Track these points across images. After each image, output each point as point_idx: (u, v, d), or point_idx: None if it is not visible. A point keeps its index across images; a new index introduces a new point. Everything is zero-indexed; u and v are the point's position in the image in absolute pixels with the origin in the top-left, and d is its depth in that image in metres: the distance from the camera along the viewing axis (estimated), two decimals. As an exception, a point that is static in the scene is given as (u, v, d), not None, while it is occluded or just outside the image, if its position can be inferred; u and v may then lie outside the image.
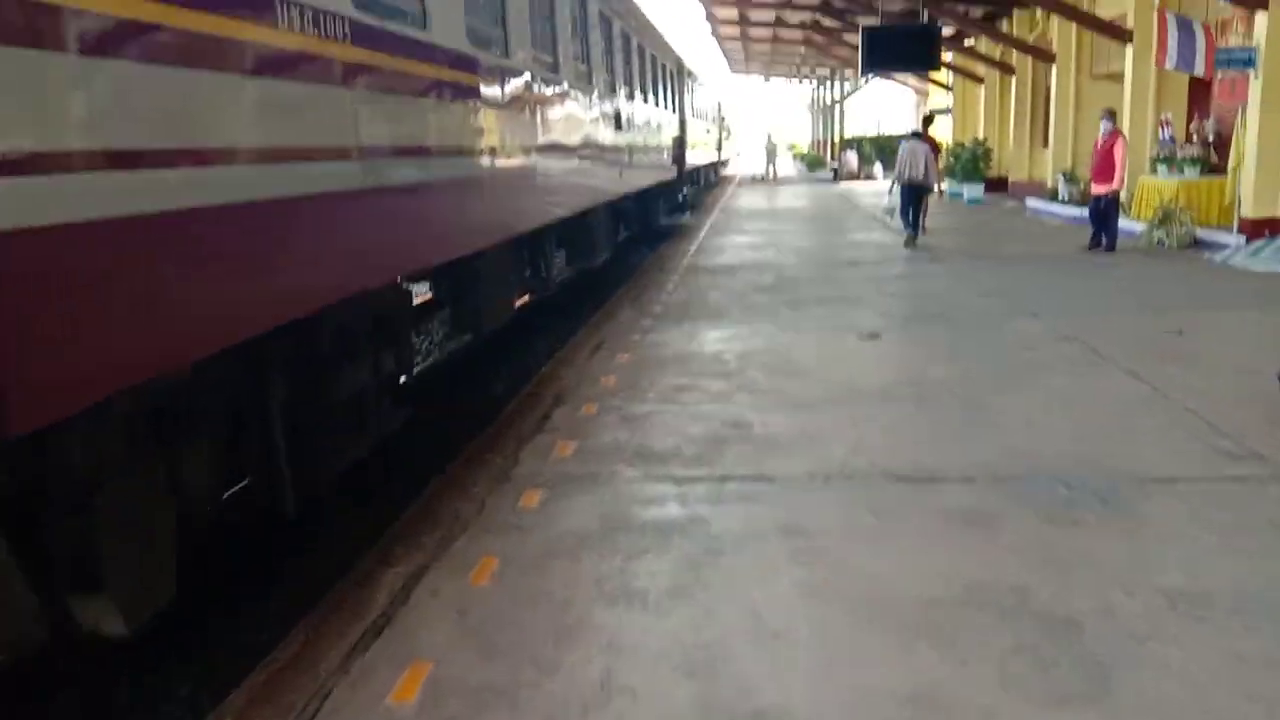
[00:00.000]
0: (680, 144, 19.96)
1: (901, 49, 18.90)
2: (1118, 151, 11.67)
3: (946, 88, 29.62)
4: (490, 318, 6.78)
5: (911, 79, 36.71)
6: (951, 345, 7.12)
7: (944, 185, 21.26)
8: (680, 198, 21.87)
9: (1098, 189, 11.97)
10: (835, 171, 35.75)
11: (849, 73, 40.71)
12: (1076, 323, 7.71)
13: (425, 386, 6.89)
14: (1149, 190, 12.97)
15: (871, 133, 49.61)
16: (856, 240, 15.16)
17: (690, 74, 22.96)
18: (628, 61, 12.35)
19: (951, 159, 24.00)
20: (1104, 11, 17.04)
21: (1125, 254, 12.00)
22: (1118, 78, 18.14)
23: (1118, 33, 15.36)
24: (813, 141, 59.40)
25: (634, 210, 15.90)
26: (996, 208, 20.98)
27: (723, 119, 37.77)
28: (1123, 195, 14.67)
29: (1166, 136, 14.34)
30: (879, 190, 27.62)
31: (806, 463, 4.59)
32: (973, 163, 22.50)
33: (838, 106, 41.76)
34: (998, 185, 23.01)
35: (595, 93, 9.73)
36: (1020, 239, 14.41)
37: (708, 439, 4.99)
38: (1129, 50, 15.21)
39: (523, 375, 7.42)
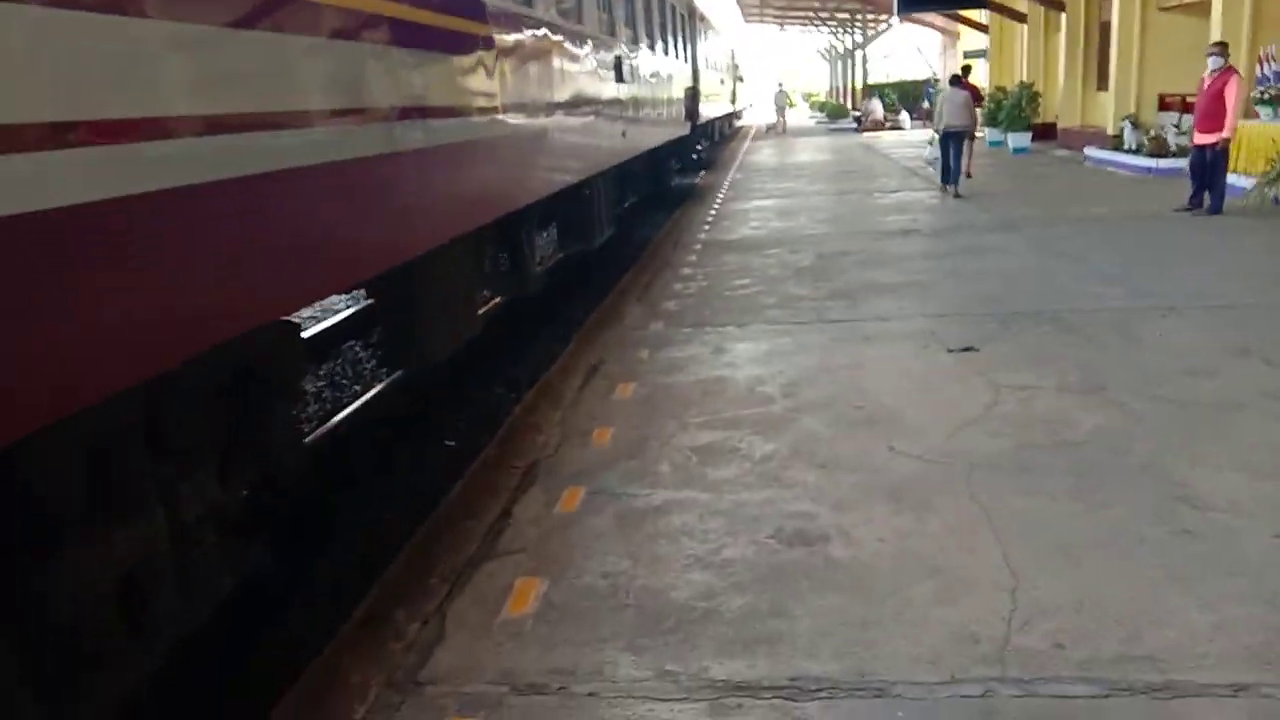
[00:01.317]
0: (693, 95, 17.80)
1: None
2: (1230, 93, 9.51)
3: (982, 28, 27.12)
4: (438, 344, 4.83)
5: (938, 19, 34.13)
6: (1084, 365, 5.11)
7: (982, 132, 18.95)
8: (695, 155, 19.73)
9: (1203, 138, 9.83)
10: (859, 121, 33.34)
11: (870, 16, 38.12)
12: (1242, 322, 5.70)
13: (325, 463, 4.91)
14: (1256, 138, 10.81)
15: (894, 79, 47.05)
16: (901, 201, 13.06)
17: (703, 18, 20.69)
18: (630, 1, 10.26)
19: (992, 105, 21.74)
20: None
21: (1234, 216, 9.90)
22: (1192, 8, 15.84)
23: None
24: (831, 89, 56.70)
25: (642, 172, 13.84)
26: (1047, 157, 18.75)
27: (736, 67, 35.38)
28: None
29: (1269, 73, 12.12)
30: (910, 141, 25.39)
31: (939, 640, 2.64)
32: (1018, 108, 20.21)
33: (859, 51, 39.21)
34: (1044, 133, 20.73)
35: (590, 37, 7.68)
36: (1095, 196, 12.27)
37: (755, 572, 3.06)
38: (1222, -30, 12.90)
39: (482, 425, 5.46)
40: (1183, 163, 13.73)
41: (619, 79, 8.97)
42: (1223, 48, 9.71)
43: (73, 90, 1.95)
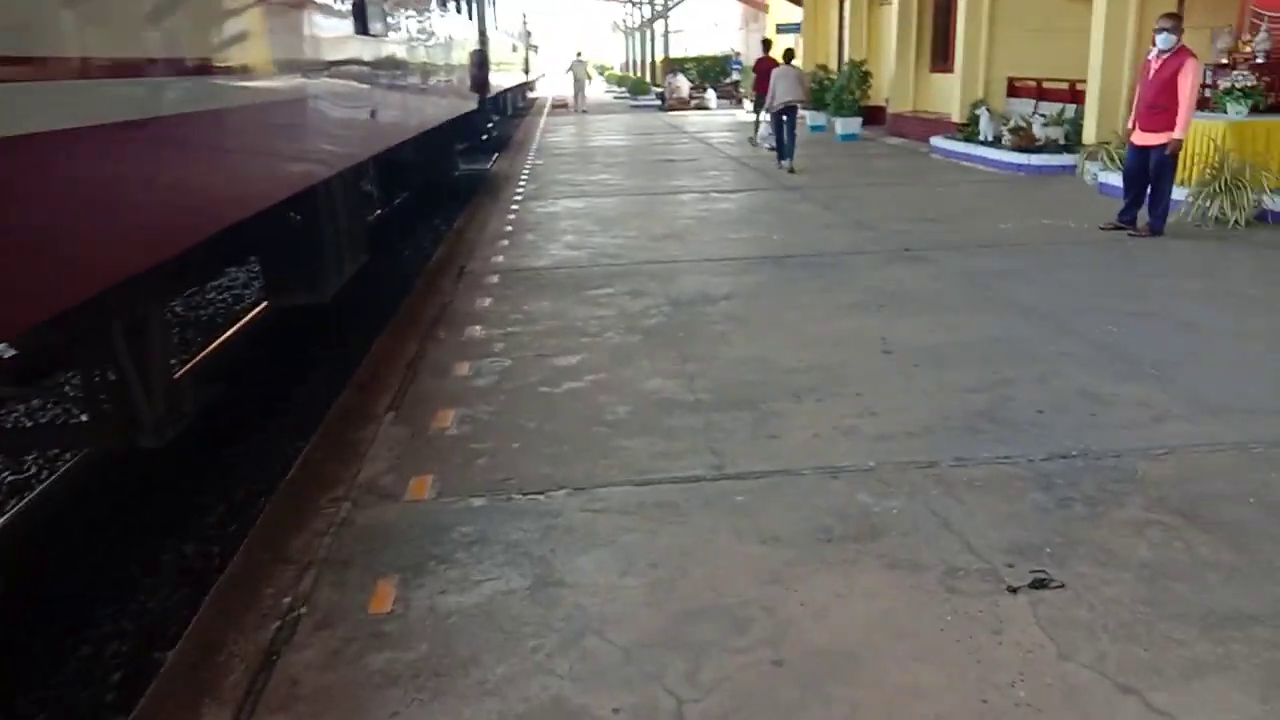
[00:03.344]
0: (482, 62, 14.50)
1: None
2: (1185, 81, 7.35)
3: (796, 0, 25.14)
4: None
5: (743, -9, 32.16)
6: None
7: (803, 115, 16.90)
8: (485, 135, 16.42)
9: (1146, 137, 7.67)
10: (662, 98, 30.87)
11: (671, -16, 35.76)
12: None
13: None
14: (1192, 138, 8.85)
15: (693, 54, 45.15)
16: (749, 205, 10.43)
17: (490, -31, 17.30)
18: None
19: (815, 85, 19.64)
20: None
21: (1181, 239, 7.85)
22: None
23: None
24: (627, 63, 54.26)
25: (415, 160, 10.49)
26: (881, 146, 16.80)
27: (529, 33, 32.07)
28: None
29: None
30: (722, 123, 23.06)
31: None
32: (846, 90, 18.19)
33: (660, 22, 36.79)
34: (872, 118, 18.87)
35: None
36: (981, 204, 10.09)
37: None
38: (1103, -64, 11.02)
39: None
40: (1055, 159, 11.99)
41: (363, 29, 5.66)
42: (1176, 22, 7.53)
43: None
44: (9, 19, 2.18)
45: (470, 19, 13.60)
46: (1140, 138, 7.73)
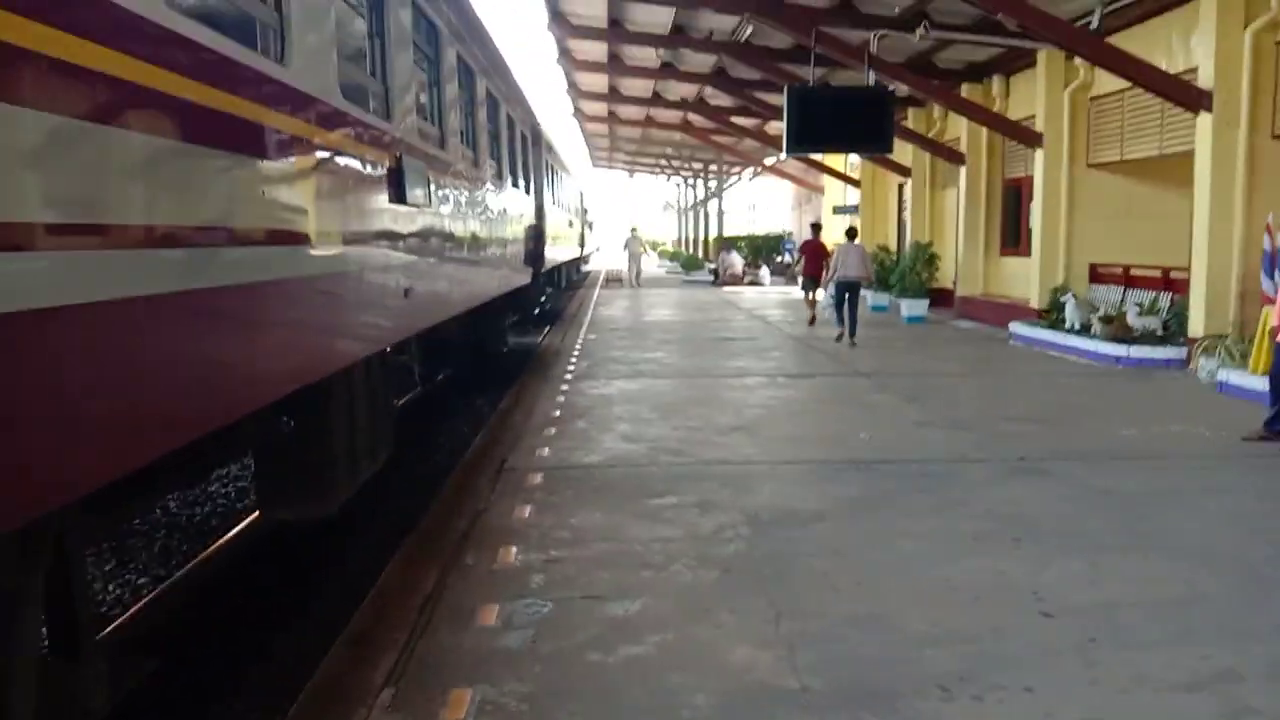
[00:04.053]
0: (538, 236, 14.05)
1: (843, 120, 13.71)
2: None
3: (852, 181, 25.05)
4: None
5: (796, 171, 32.45)
6: None
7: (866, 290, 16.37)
8: (537, 308, 15.86)
9: (1299, 332, 6.60)
10: (715, 274, 30.66)
11: (725, 167, 36.36)
12: None
13: None
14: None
15: (744, 231, 45.68)
16: (825, 390, 9.43)
17: (550, 147, 17.26)
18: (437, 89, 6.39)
19: (877, 266, 19.02)
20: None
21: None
22: (1128, 168, 13.51)
23: (1187, 96, 10.46)
24: (680, 239, 55.13)
25: (461, 336, 9.73)
26: (950, 329, 15.88)
27: (585, 210, 32.46)
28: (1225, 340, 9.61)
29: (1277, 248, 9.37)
30: (775, 300, 22.47)
31: None
32: (913, 271, 17.50)
33: (714, 201, 37.19)
34: (937, 300, 18.08)
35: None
36: (1087, 403, 8.97)
37: None
38: (1203, 120, 10.31)
39: None
40: (1157, 352, 10.92)
41: (399, 199, 4.88)
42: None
43: None
44: None
45: (528, 194, 13.22)
46: (1291, 332, 6.65)
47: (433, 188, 5.68)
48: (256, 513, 5.01)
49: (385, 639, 3.66)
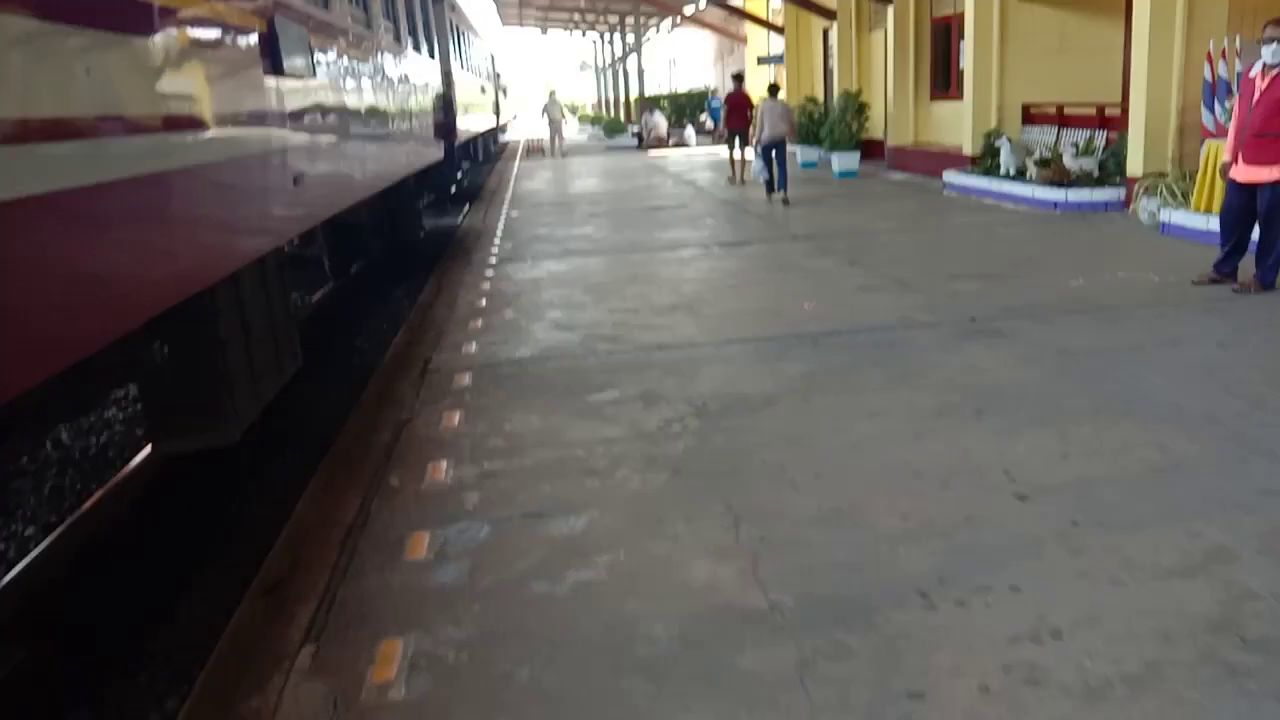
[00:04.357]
0: (448, 106, 13.11)
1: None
2: (1301, 101, 6.04)
3: (776, 28, 24.04)
4: None
5: (717, 21, 31.14)
6: None
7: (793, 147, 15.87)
8: (454, 186, 15.01)
9: (1253, 171, 6.32)
10: (639, 137, 29.63)
11: (643, 20, 34.71)
12: None
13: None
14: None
15: (665, 90, 44.18)
16: (764, 257, 9.02)
17: (453, 4, 15.99)
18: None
19: (805, 119, 18.45)
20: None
21: (1283, 289, 6.50)
22: (1060, -1, 12.98)
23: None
24: (599, 101, 53.23)
25: (372, 223, 9.05)
26: (884, 182, 15.50)
27: (498, 75, 30.81)
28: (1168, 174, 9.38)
29: (1217, 79, 9.06)
30: (703, 162, 21.73)
31: None
32: (842, 122, 16.94)
33: (633, 58, 35.63)
34: (868, 152, 17.62)
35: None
36: (1031, 251, 8.73)
37: None
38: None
39: None
40: (1096, 194, 10.69)
41: (275, 68, 4.20)
42: (1291, 30, 6.21)
43: None
44: None
45: (432, 58, 12.22)
46: (1244, 173, 6.38)
47: (317, 55, 4.96)
48: (148, 446, 4.48)
49: (303, 585, 3.25)
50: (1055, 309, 6.39)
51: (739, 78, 17.12)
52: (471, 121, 17.51)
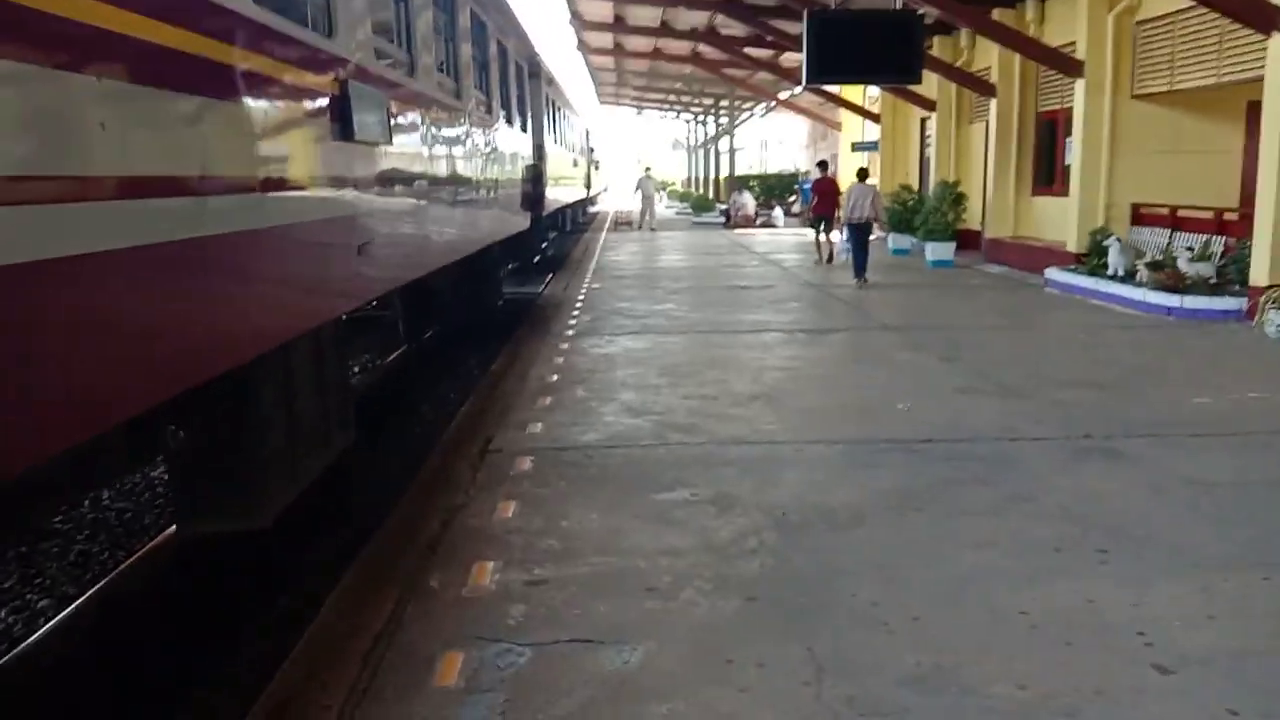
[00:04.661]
0: (537, 178, 13.05)
1: (867, 48, 12.62)
2: None
3: (873, 117, 23.79)
4: None
5: (813, 106, 31.11)
6: None
7: (876, 234, 15.58)
8: (538, 255, 14.93)
9: None
10: (727, 215, 29.50)
11: (736, 103, 34.93)
12: None
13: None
14: None
15: (756, 170, 44.31)
16: (852, 347, 8.54)
17: (551, 80, 16.14)
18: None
19: (898, 206, 18.05)
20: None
21: None
22: (1177, 98, 12.40)
23: (1259, 14, 9.33)
24: (689, 179, 53.67)
25: (448, 290, 8.87)
26: (980, 275, 14.89)
27: (591, 149, 31.24)
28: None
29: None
30: (790, 243, 21.38)
31: None
32: (938, 212, 16.44)
33: (725, 138, 35.82)
34: (964, 243, 17.03)
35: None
36: (1143, 361, 8.06)
37: None
38: (1276, 41, 9.20)
39: None
40: (1215, 302, 9.95)
41: (345, 134, 3.96)
42: None
43: None
44: None
45: (524, 131, 12.20)
46: None
47: (394, 121, 4.75)
48: (172, 527, 4.18)
49: (314, 708, 2.85)
50: (1179, 429, 5.74)
51: (824, 165, 17.42)
52: (561, 193, 17.54)
